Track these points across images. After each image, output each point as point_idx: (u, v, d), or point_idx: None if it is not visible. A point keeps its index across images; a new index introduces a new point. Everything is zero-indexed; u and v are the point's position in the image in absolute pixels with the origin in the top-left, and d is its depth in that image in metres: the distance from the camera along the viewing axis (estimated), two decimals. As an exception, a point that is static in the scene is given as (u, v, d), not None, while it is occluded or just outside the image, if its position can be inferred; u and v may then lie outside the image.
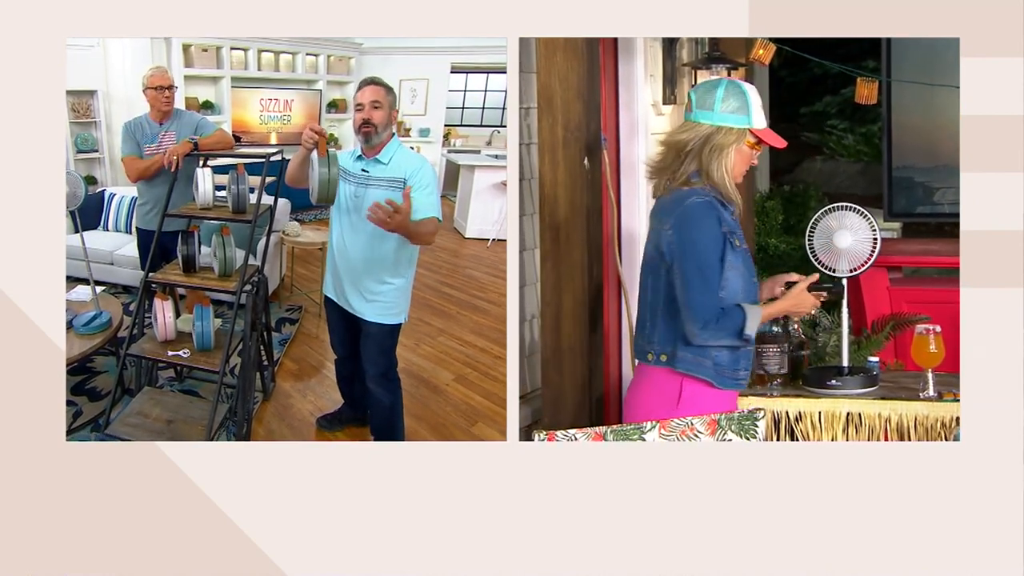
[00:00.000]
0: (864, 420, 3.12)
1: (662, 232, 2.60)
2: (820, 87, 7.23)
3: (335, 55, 10.12)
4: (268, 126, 9.60)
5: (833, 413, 3.14)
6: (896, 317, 3.59)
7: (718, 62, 4.07)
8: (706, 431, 2.49)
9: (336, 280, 3.57)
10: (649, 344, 2.67)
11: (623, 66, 3.91)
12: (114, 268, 6.05)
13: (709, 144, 2.58)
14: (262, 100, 9.51)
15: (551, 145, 3.19)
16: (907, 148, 5.27)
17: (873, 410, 3.11)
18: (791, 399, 3.19)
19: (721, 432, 2.49)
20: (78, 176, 4.25)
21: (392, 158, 3.40)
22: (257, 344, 3.99)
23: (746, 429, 2.51)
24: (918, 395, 3.12)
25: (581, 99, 3.20)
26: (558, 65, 3.14)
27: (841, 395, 3.14)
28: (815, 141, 7.45)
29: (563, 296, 3.19)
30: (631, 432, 2.47)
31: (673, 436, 2.48)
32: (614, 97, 3.92)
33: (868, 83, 3.87)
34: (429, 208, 3.33)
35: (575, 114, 3.18)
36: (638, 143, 3.91)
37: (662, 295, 2.63)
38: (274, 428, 4.05)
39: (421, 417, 4.17)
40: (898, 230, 5.79)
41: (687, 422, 2.49)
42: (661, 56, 4.13)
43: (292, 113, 9.77)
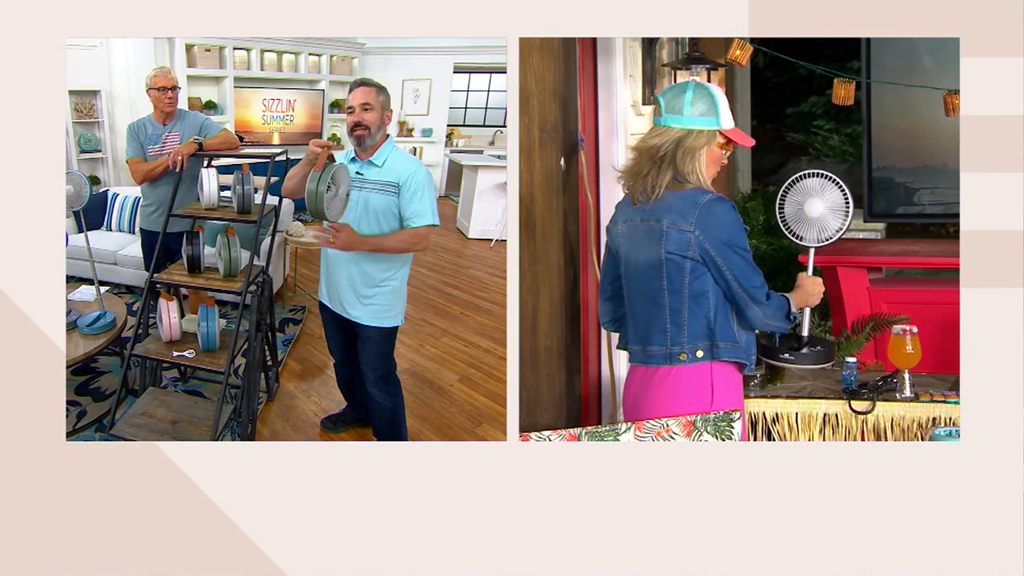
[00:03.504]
0: (841, 421, 3.12)
1: (679, 233, 2.65)
2: (805, 88, 7.23)
3: (338, 55, 10.13)
4: (271, 126, 9.61)
5: (810, 414, 3.15)
6: (876, 318, 3.58)
7: (698, 63, 4.09)
8: (681, 432, 2.50)
9: (330, 286, 3.56)
10: (677, 345, 2.71)
11: (602, 66, 3.90)
12: (117, 268, 6.07)
13: (682, 148, 2.66)
14: (265, 100, 9.52)
15: (527, 146, 3.18)
16: (887, 149, 5.29)
17: (849, 411, 3.12)
18: (768, 400, 3.19)
19: (697, 433, 2.51)
20: (82, 176, 4.26)
21: (386, 161, 3.38)
22: (261, 344, 3.99)
23: (721, 430, 2.53)
24: (895, 396, 3.13)
25: (557, 99, 3.19)
26: (534, 65, 3.13)
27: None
28: (800, 142, 7.44)
29: (539, 297, 3.18)
30: (606, 433, 2.49)
31: (648, 437, 2.49)
32: (593, 97, 3.90)
33: (845, 84, 3.89)
34: (420, 216, 3.33)
35: (551, 114, 3.18)
36: (617, 143, 3.91)
37: (684, 294, 2.68)
38: (278, 429, 4.05)
39: (425, 418, 4.18)
40: (882, 231, 5.79)
41: (662, 423, 2.52)
42: (641, 56, 4.13)
43: (295, 113, 9.79)
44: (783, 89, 7.21)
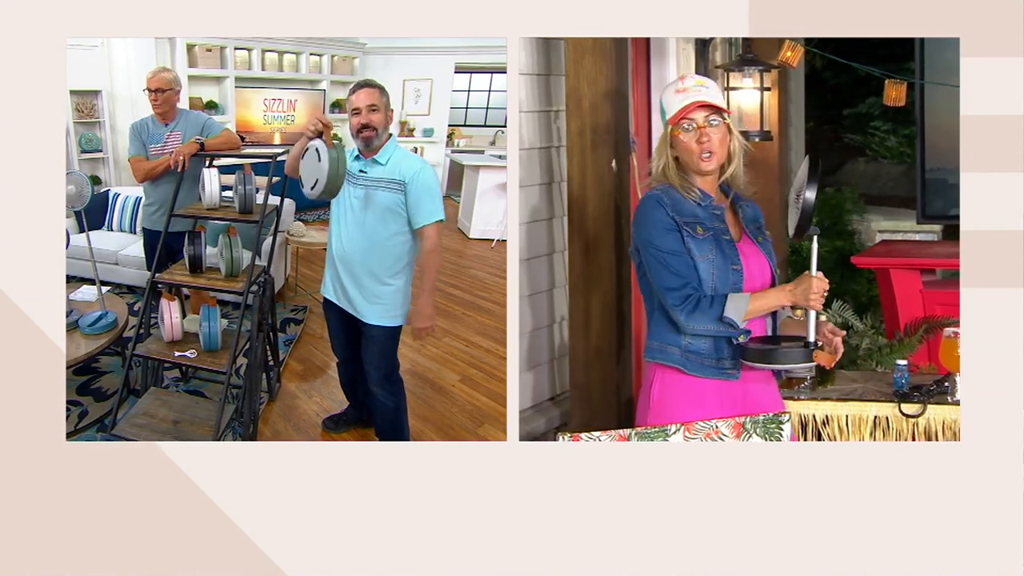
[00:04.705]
0: (891, 424, 3.10)
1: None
2: (863, 88, 7.14)
3: (339, 55, 10.13)
4: (272, 126, 9.62)
5: (860, 417, 3.11)
6: (929, 320, 3.56)
7: (750, 64, 4.09)
8: (731, 434, 2.47)
9: (336, 282, 3.57)
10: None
11: (655, 69, 3.92)
12: (118, 268, 6.07)
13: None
14: (266, 100, 9.53)
15: (579, 148, 3.22)
16: (941, 151, 5.22)
17: (900, 414, 3.09)
18: (818, 402, 3.15)
19: (746, 435, 2.48)
20: (84, 176, 4.26)
21: (390, 159, 3.40)
22: (263, 344, 3.99)
23: (771, 432, 2.49)
24: (947, 399, 3.08)
25: (609, 102, 3.22)
26: (587, 68, 3.16)
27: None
28: (857, 143, 7.38)
29: (591, 298, 3.21)
30: (655, 434, 2.46)
31: (698, 438, 2.47)
32: (646, 99, 3.92)
33: (896, 85, 3.75)
34: (429, 214, 3.35)
35: (603, 117, 3.21)
36: None
37: (644, 293, 2.67)
38: (280, 429, 4.05)
39: (427, 418, 4.18)
40: (938, 232, 5.73)
41: (711, 424, 2.48)
42: (694, 58, 4.15)
43: (296, 113, 9.79)
44: (841, 90, 7.15)
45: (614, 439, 2.45)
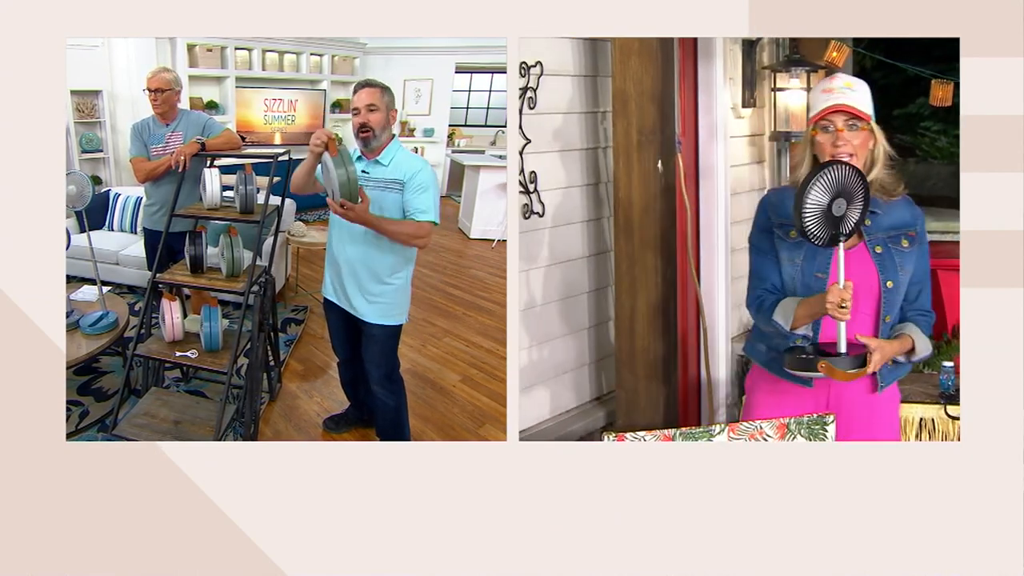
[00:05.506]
0: (937, 426, 3.09)
1: None
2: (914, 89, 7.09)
3: (339, 55, 10.14)
4: (272, 126, 9.63)
5: (906, 419, 3.10)
6: None
7: (797, 65, 4.10)
8: (775, 435, 2.48)
9: (336, 282, 3.57)
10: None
11: (702, 69, 3.92)
12: (119, 268, 6.07)
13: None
14: (266, 100, 9.53)
15: (625, 148, 3.22)
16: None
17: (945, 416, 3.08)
18: None
19: (791, 436, 2.48)
20: (84, 176, 4.27)
21: (392, 159, 3.40)
22: (264, 345, 4.00)
23: (815, 433, 2.49)
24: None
25: (655, 102, 3.22)
26: (633, 69, 3.17)
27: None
28: (908, 143, 7.34)
29: (637, 299, 3.21)
30: (700, 434, 2.46)
31: (743, 439, 2.47)
32: (693, 100, 3.92)
33: (943, 85, 3.69)
34: (421, 211, 3.33)
35: (649, 117, 3.21)
36: (716, 146, 3.93)
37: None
38: (281, 429, 4.05)
39: (428, 418, 4.18)
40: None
41: (756, 425, 2.48)
42: (740, 59, 4.16)
43: (296, 113, 9.80)
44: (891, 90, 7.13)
45: (659, 439, 2.45)
